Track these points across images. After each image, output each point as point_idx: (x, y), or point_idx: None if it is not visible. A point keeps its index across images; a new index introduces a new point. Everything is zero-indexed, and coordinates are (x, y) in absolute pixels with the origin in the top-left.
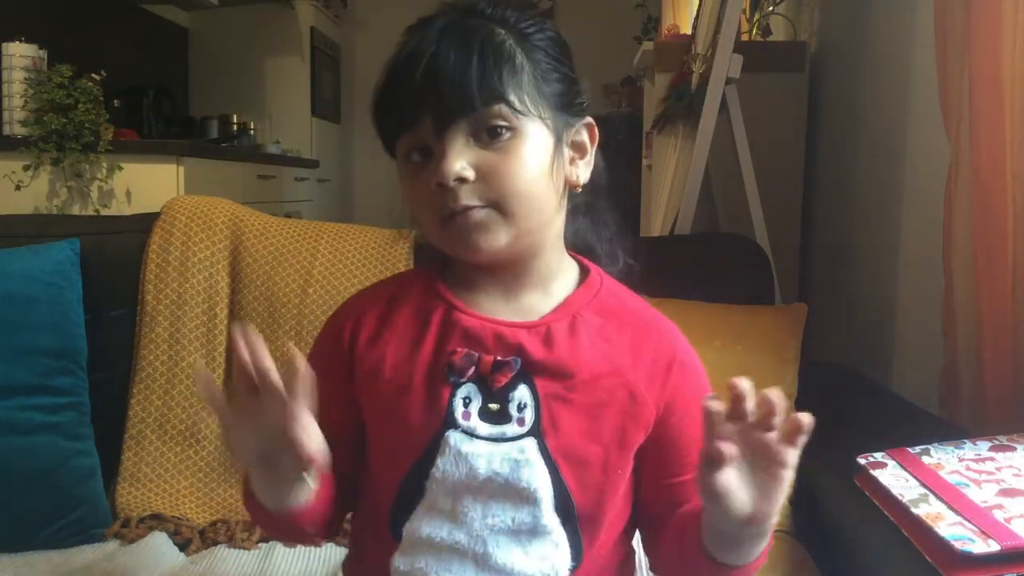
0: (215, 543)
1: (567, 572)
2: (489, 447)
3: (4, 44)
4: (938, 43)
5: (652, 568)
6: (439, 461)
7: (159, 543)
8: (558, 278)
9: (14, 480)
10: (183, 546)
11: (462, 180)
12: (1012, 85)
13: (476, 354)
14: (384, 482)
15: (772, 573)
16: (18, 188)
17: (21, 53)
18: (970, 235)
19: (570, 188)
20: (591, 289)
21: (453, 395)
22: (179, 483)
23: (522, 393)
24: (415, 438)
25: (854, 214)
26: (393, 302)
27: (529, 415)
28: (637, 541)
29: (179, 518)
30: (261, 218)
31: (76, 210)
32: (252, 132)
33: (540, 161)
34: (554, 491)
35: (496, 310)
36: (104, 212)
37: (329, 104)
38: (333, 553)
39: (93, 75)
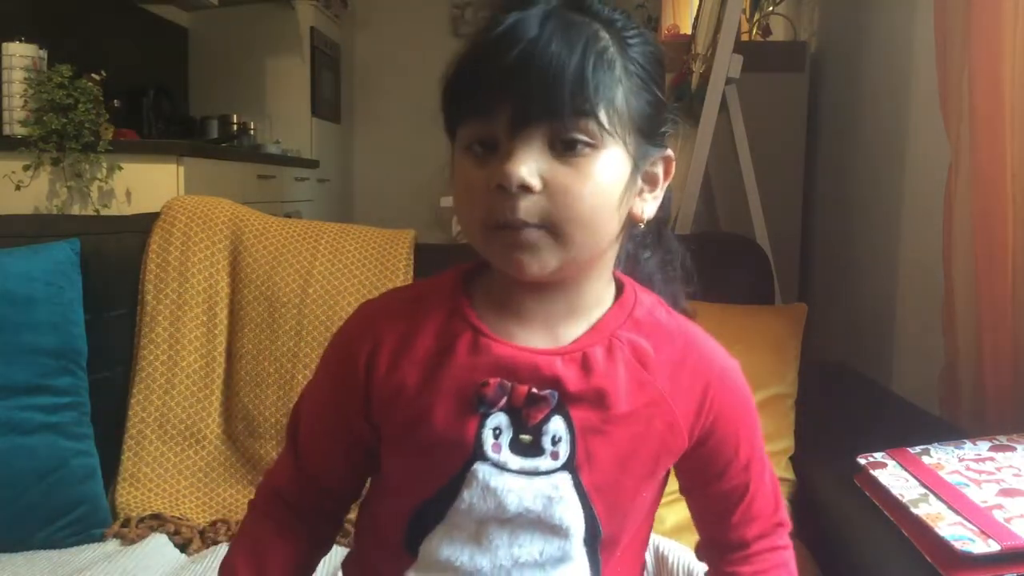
0: (215, 543)
1: None
2: (521, 482)
3: (4, 44)
4: (938, 43)
5: None
6: (465, 493)
7: (159, 543)
8: (600, 304)
9: (14, 480)
10: (183, 546)
11: (526, 189)
12: (1012, 85)
13: (509, 384)
14: (397, 502)
15: None
16: (18, 188)
17: (21, 53)
18: (970, 235)
19: (633, 221)
20: (625, 308)
21: (482, 425)
22: (179, 483)
23: (557, 425)
24: (439, 469)
25: (854, 214)
26: (412, 324)
27: (564, 449)
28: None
29: (179, 518)
30: (261, 218)
31: (76, 210)
32: (252, 132)
33: (612, 188)
34: (585, 524)
35: (529, 337)
36: (104, 212)
37: (329, 104)
38: (334, 553)
39: (93, 75)
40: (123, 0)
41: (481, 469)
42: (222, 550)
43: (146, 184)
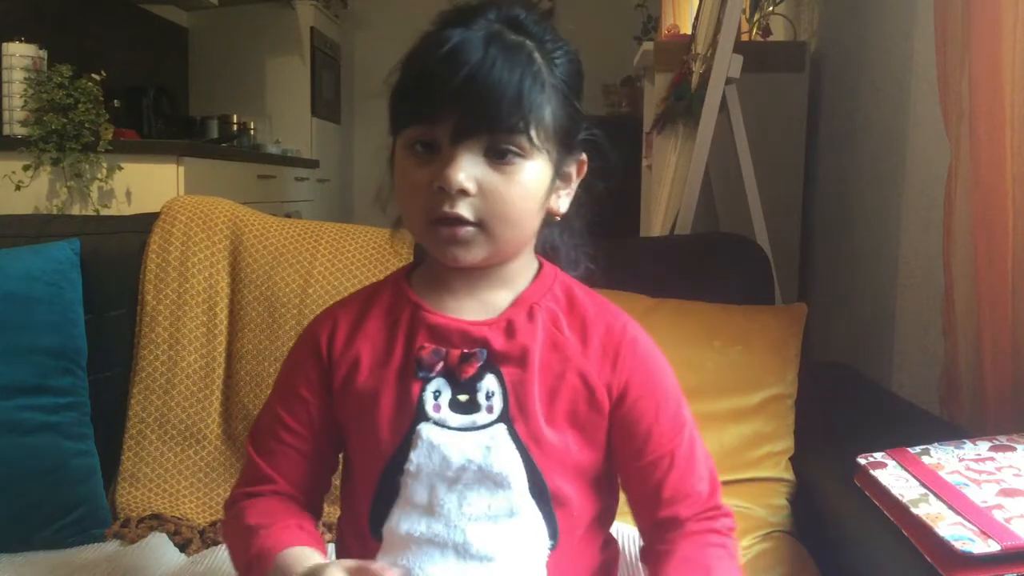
0: (215, 543)
1: (546, 553)
2: (461, 437)
3: (4, 44)
4: (938, 43)
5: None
6: (412, 455)
7: (159, 544)
8: (521, 277)
9: (14, 480)
10: (183, 546)
11: (463, 192)
12: (1012, 85)
13: (443, 349)
14: (361, 484)
15: (772, 573)
16: (18, 188)
17: (21, 53)
18: (970, 235)
19: (549, 215)
20: (545, 282)
21: (423, 390)
22: (179, 483)
23: (489, 382)
24: (389, 436)
25: (854, 214)
26: (365, 308)
27: (497, 403)
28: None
29: (179, 518)
30: (261, 218)
31: (76, 210)
32: (252, 132)
33: (536, 192)
34: (527, 474)
35: (462, 309)
36: (104, 212)
37: (329, 104)
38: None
39: (93, 75)
40: (123, 0)
41: (425, 429)
42: (222, 550)
43: (146, 184)
